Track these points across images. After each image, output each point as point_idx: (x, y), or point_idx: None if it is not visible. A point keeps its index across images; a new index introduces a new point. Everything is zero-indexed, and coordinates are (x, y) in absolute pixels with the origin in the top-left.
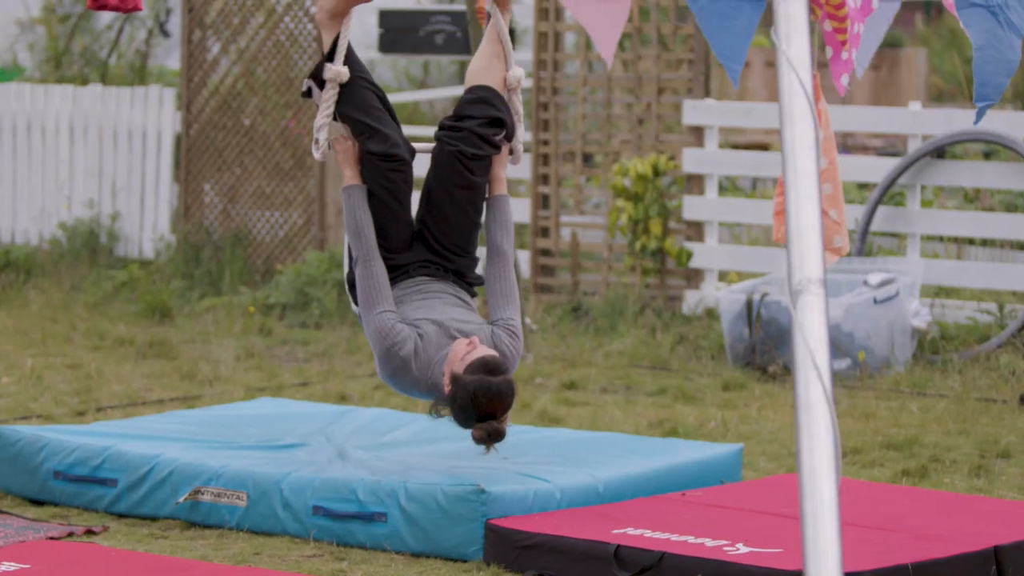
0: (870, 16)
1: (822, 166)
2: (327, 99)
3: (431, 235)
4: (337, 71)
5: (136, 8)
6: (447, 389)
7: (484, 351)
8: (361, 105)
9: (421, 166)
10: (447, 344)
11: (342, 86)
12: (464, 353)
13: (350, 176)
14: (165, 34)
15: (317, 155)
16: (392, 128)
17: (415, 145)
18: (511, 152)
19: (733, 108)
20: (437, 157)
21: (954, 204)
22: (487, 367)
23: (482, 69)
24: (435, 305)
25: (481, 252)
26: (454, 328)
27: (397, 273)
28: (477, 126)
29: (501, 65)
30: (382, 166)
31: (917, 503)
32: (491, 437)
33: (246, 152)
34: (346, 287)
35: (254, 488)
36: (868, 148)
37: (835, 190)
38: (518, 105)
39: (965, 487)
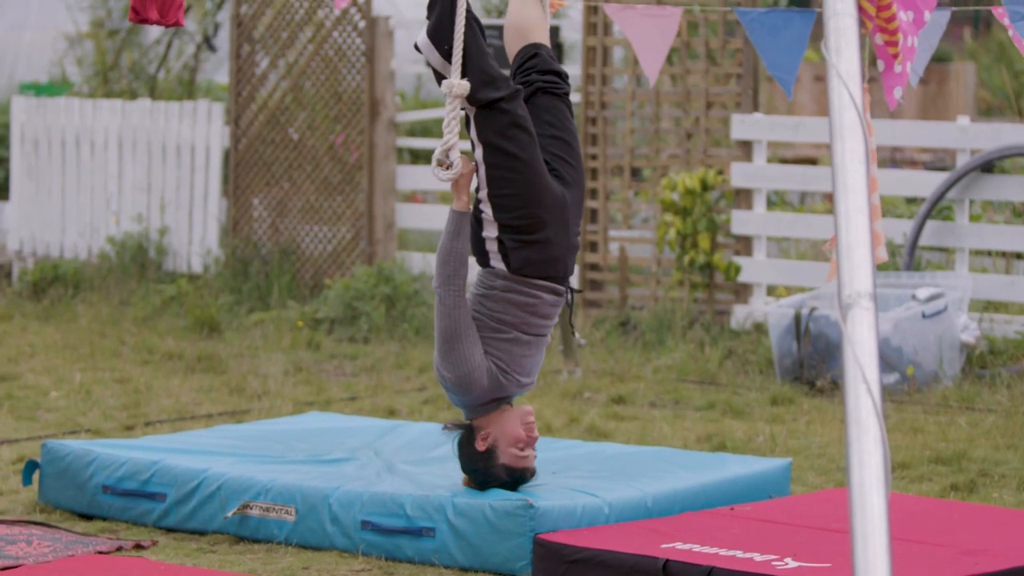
0: (923, 28)
1: None
2: (453, 115)
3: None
4: (461, 86)
5: (178, 23)
6: (480, 444)
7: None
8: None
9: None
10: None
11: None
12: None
13: (465, 202)
14: (212, 49)
15: (445, 176)
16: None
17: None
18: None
19: (781, 122)
20: (541, 103)
21: (1002, 218)
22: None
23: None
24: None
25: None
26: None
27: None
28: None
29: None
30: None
31: (966, 518)
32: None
33: (294, 166)
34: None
35: (303, 503)
36: (917, 162)
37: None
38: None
39: (1014, 501)
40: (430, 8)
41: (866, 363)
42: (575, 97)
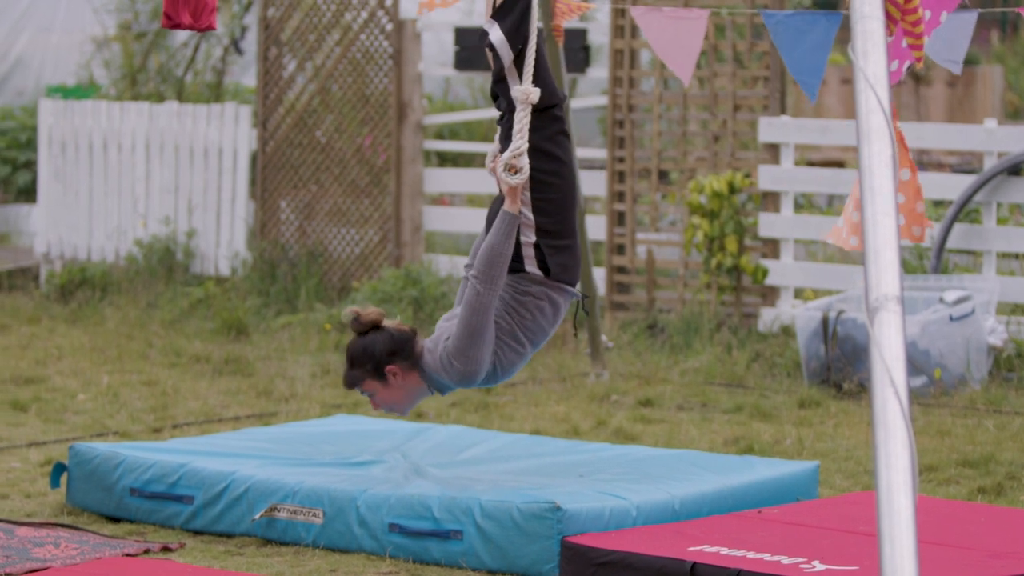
0: (936, 28)
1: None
2: (522, 122)
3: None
4: (535, 92)
5: (210, 27)
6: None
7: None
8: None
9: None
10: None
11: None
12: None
13: (519, 207)
14: (239, 52)
15: (515, 180)
16: None
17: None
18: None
19: (809, 125)
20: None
21: None
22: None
23: None
24: None
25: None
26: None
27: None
28: None
29: None
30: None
31: (993, 521)
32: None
33: (322, 169)
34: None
35: (330, 505)
36: (944, 165)
37: None
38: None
39: None
40: (504, 9)
41: (894, 366)
42: (602, 99)
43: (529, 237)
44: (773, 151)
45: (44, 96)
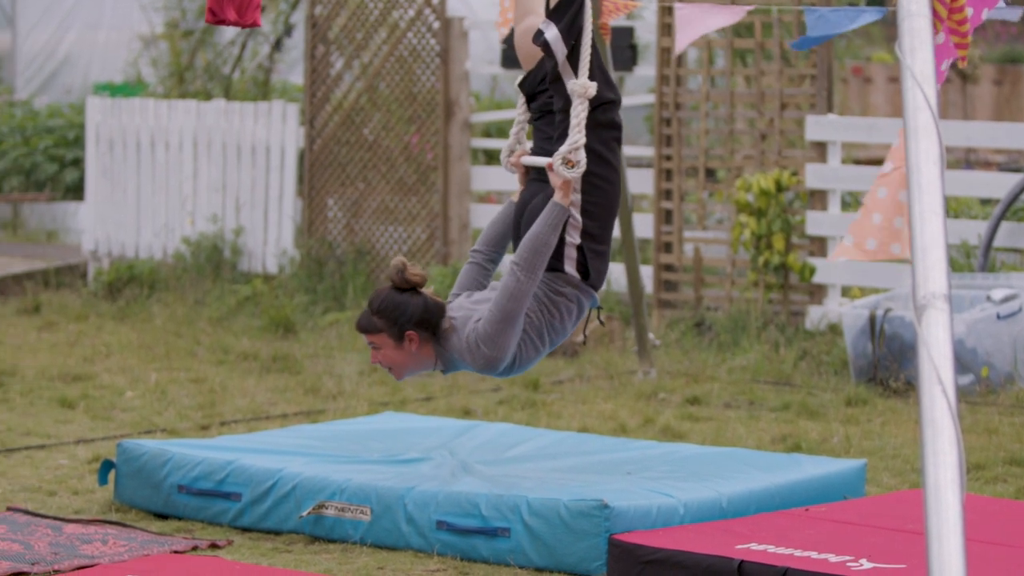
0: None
1: (885, 170)
2: (580, 116)
3: None
4: (592, 86)
5: (255, 24)
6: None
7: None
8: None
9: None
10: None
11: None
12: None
13: (570, 201)
14: (278, 48)
15: (572, 174)
16: None
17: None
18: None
19: (856, 123)
20: None
21: None
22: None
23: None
24: None
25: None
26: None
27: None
28: None
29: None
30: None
31: None
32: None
33: (369, 167)
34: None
35: (378, 503)
36: (991, 164)
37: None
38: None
39: None
40: (560, 8)
41: (941, 364)
42: (649, 98)
43: (574, 238)
44: (820, 149)
45: (92, 94)
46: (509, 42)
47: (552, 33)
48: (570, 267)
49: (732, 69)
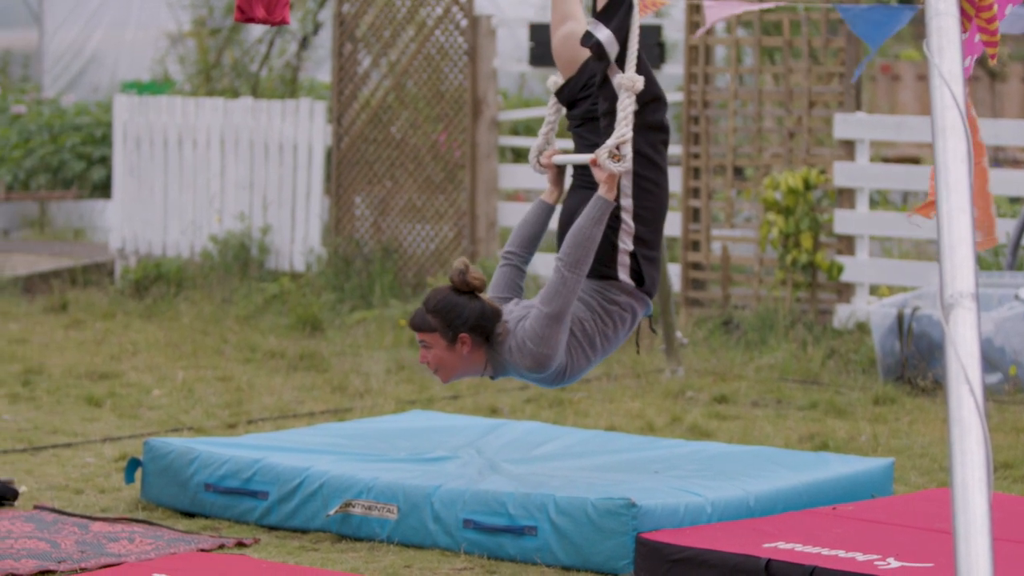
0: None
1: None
2: (627, 110)
3: None
4: (640, 80)
5: (283, 21)
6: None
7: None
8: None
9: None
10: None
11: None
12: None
13: (614, 196)
14: (304, 46)
15: (618, 168)
16: None
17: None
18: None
19: (884, 121)
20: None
21: None
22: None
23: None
24: None
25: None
26: None
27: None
28: None
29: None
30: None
31: None
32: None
33: (396, 165)
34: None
35: (405, 501)
36: (1019, 162)
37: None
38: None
39: None
40: (609, 8)
41: (968, 363)
42: (678, 96)
43: (627, 245)
44: (848, 147)
45: (119, 92)
46: (537, 40)
47: (604, 34)
48: (624, 274)
49: (760, 67)
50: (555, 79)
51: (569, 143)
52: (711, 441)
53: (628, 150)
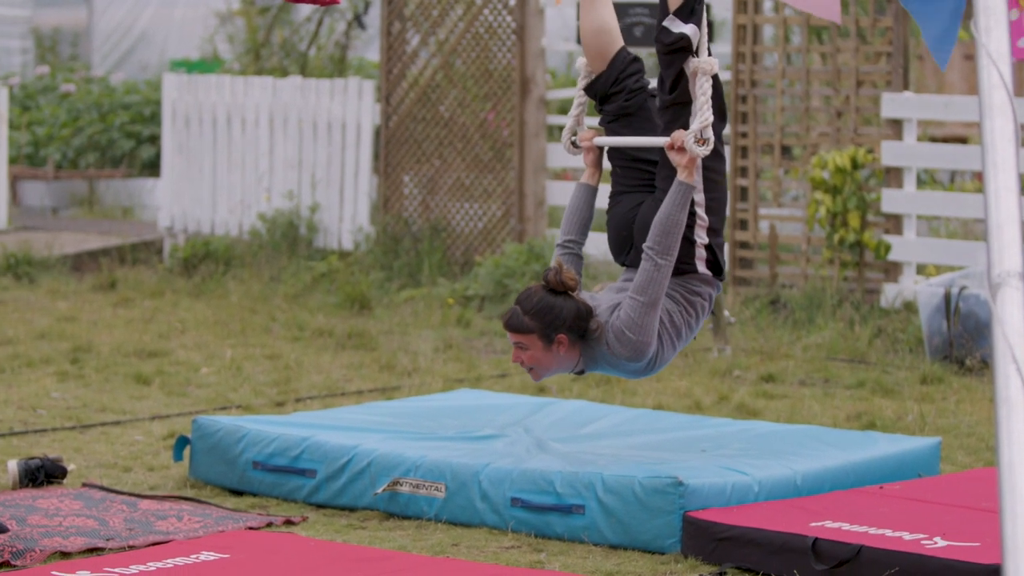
0: None
1: None
2: (707, 94)
3: None
4: (711, 62)
5: (334, 1)
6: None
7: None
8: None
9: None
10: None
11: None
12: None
13: (694, 180)
14: (362, 27)
15: (702, 152)
16: None
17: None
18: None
19: (931, 101)
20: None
21: None
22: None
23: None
24: None
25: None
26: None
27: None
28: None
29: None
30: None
31: None
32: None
33: (445, 144)
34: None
35: (452, 479)
36: None
37: None
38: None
39: None
40: (686, 2)
41: (1016, 342)
42: (726, 75)
43: (703, 238)
44: (896, 127)
45: (168, 70)
46: None
47: (690, 28)
48: (702, 266)
49: (808, 46)
50: (584, 60)
51: (594, 121)
52: (758, 420)
53: (711, 133)
